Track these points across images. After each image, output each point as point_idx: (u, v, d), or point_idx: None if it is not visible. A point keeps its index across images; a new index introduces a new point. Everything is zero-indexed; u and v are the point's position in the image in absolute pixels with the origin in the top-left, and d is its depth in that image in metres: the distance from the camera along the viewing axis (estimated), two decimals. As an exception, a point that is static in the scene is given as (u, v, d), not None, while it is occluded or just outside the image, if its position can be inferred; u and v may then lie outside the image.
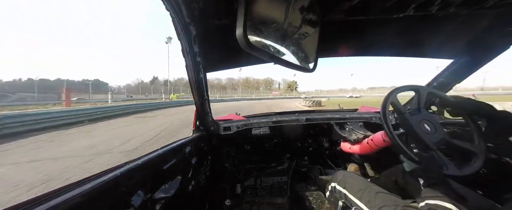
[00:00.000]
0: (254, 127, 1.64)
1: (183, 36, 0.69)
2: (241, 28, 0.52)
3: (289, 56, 0.72)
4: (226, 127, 1.54)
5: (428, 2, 0.68)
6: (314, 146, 1.98)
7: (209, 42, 0.84)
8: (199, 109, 1.20)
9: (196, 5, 0.63)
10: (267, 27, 0.62)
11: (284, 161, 1.95)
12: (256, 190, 1.72)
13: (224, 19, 0.75)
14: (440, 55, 1.21)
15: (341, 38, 1.08)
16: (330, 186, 1.12)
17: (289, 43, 0.73)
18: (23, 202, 0.41)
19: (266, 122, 1.67)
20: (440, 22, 0.88)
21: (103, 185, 0.53)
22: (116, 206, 0.59)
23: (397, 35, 1.04)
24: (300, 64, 0.78)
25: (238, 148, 1.82)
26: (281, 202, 1.57)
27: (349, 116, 1.74)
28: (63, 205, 0.43)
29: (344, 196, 0.99)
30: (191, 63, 0.81)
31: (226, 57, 1.12)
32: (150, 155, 0.79)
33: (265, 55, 0.61)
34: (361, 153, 1.26)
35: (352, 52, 1.27)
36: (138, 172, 0.67)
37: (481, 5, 0.69)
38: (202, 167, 1.31)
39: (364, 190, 0.94)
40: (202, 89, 1.02)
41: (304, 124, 1.65)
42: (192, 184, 1.11)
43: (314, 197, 1.57)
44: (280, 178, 1.83)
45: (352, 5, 0.72)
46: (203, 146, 1.34)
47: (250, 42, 0.54)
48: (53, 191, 0.46)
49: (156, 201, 0.77)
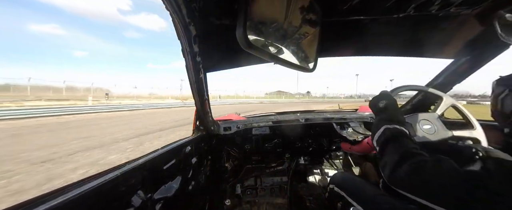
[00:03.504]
0: (254, 127, 1.64)
1: (183, 36, 0.68)
2: (241, 28, 0.52)
3: (289, 56, 0.73)
4: (226, 127, 1.54)
5: (428, 2, 0.68)
6: (314, 146, 1.98)
7: (209, 42, 0.84)
8: (199, 109, 1.20)
9: (196, 5, 0.63)
10: (267, 27, 0.62)
11: (284, 161, 1.95)
12: (256, 190, 1.72)
13: (224, 19, 0.75)
14: (440, 55, 1.21)
15: (341, 38, 1.08)
16: (329, 187, 1.12)
17: (289, 43, 0.73)
18: (23, 202, 0.41)
19: (266, 122, 1.67)
20: (440, 22, 0.88)
21: (103, 185, 0.53)
22: (116, 206, 0.59)
23: (397, 35, 1.04)
24: (300, 64, 0.78)
25: (238, 148, 1.82)
26: (281, 202, 1.57)
27: (349, 116, 1.74)
28: (63, 205, 0.43)
29: (342, 197, 0.99)
30: (191, 63, 0.81)
31: (226, 57, 1.12)
32: (150, 155, 0.79)
33: (265, 55, 0.61)
34: (361, 153, 1.26)
35: (352, 52, 1.27)
36: (138, 172, 0.67)
37: (481, 5, 0.69)
38: (202, 167, 1.31)
39: (362, 192, 0.94)
40: (202, 89, 1.02)
41: (304, 124, 1.65)
42: (192, 184, 1.11)
43: (314, 197, 1.57)
44: (280, 178, 1.83)
45: (352, 5, 0.72)
46: (203, 146, 1.34)
47: (250, 42, 0.54)
48: (53, 191, 0.46)
49: (156, 201, 0.76)
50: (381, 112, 0.78)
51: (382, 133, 0.67)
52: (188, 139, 1.14)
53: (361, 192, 0.93)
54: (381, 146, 0.66)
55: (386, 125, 0.68)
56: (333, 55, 1.31)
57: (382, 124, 0.69)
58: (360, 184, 1.00)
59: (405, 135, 0.65)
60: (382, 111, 0.77)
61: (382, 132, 0.67)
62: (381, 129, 0.68)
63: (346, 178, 1.09)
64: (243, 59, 1.18)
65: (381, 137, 0.67)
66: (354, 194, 0.95)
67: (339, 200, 1.00)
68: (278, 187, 1.74)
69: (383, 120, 0.72)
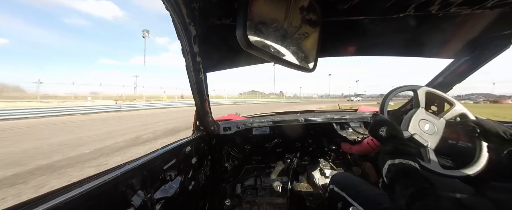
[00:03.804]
0: (254, 127, 1.65)
1: (183, 36, 0.68)
2: (241, 28, 0.52)
3: (289, 56, 0.72)
4: (226, 127, 1.54)
5: (428, 2, 0.68)
6: (314, 146, 1.98)
7: (209, 42, 0.84)
8: (199, 109, 1.20)
9: (196, 5, 0.63)
10: (267, 27, 0.62)
11: (284, 161, 1.95)
12: (256, 190, 1.72)
13: (224, 19, 0.75)
14: (440, 55, 1.21)
15: (341, 38, 1.08)
16: (329, 187, 1.12)
17: (289, 43, 0.73)
18: (23, 202, 0.41)
19: (266, 122, 1.67)
20: (440, 22, 0.88)
21: (103, 185, 0.53)
22: (116, 206, 0.59)
23: (397, 35, 1.04)
24: (300, 64, 0.78)
25: (238, 148, 1.82)
26: (281, 202, 1.57)
27: (349, 116, 1.74)
28: (63, 205, 0.43)
29: (342, 197, 0.99)
30: (191, 63, 0.81)
31: (226, 57, 1.12)
32: (150, 155, 0.79)
33: (266, 55, 0.61)
34: (361, 153, 1.26)
35: (352, 52, 1.27)
36: (138, 172, 0.67)
37: (481, 5, 0.69)
38: (202, 167, 1.31)
39: (362, 192, 0.94)
40: (202, 89, 1.02)
41: (304, 124, 1.65)
42: (192, 184, 1.11)
43: (314, 197, 1.57)
44: (280, 178, 1.83)
45: (352, 5, 0.72)
46: (203, 146, 1.34)
47: (250, 42, 0.54)
48: (53, 191, 0.46)
49: (156, 201, 0.77)
50: (384, 143, 0.74)
51: (387, 170, 0.64)
52: (188, 139, 1.14)
53: (361, 192, 0.93)
54: (389, 183, 0.63)
55: (390, 161, 0.64)
56: (333, 55, 1.31)
57: (386, 159, 0.66)
58: (360, 184, 1.00)
59: (411, 169, 0.61)
60: (385, 142, 0.74)
61: (387, 169, 0.64)
62: (386, 165, 0.65)
63: (346, 178, 1.09)
64: (243, 59, 1.18)
65: (388, 174, 0.64)
66: (354, 194, 0.95)
67: (339, 200, 1.00)
68: (278, 187, 1.74)
69: (387, 154, 0.68)
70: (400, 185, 0.58)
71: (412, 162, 0.62)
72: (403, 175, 0.60)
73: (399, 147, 0.68)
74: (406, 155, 0.65)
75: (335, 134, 1.60)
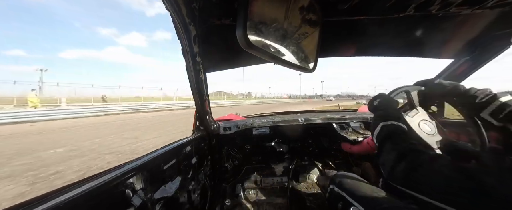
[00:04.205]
0: (254, 127, 1.65)
1: (183, 36, 0.68)
2: (241, 28, 0.52)
3: (289, 56, 0.72)
4: (226, 127, 1.54)
5: (428, 2, 0.68)
6: (314, 146, 1.98)
7: (209, 42, 0.84)
8: (199, 109, 1.20)
9: (196, 5, 0.63)
10: (267, 27, 0.62)
11: (284, 161, 1.95)
12: (256, 190, 1.72)
13: (224, 19, 0.75)
14: (440, 55, 1.21)
15: (341, 38, 1.08)
16: (329, 187, 1.12)
17: (289, 43, 0.73)
18: (23, 202, 0.41)
19: (266, 122, 1.67)
20: (440, 22, 0.88)
21: (103, 185, 0.53)
22: (116, 206, 0.59)
23: (397, 35, 1.04)
24: (300, 64, 0.78)
25: (238, 148, 1.82)
26: (281, 202, 1.57)
27: (349, 116, 1.74)
28: (63, 205, 0.43)
29: (342, 197, 0.99)
30: (191, 63, 0.81)
31: (226, 57, 1.12)
32: (150, 155, 0.79)
33: (265, 55, 0.61)
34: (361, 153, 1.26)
35: (352, 52, 1.27)
36: (138, 172, 0.67)
37: (481, 5, 0.69)
38: (202, 167, 1.31)
39: (362, 192, 0.94)
40: (202, 89, 1.02)
41: (304, 124, 1.65)
42: (192, 184, 1.11)
43: (314, 197, 1.57)
44: (280, 178, 1.83)
45: (352, 5, 0.72)
46: (203, 146, 1.34)
47: (250, 42, 0.54)
48: (53, 191, 0.46)
49: (156, 201, 0.77)
50: (377, 110, 0.79)
51: (380, 131, 0.68)
52: (188, 139, 1.14)
53: (361, 192, 0.93)
54: (379, 144, 0.66)
55: (383, 122, 0.68)
56: (333, 55, 1.31)
57: (379, 121, 0.70)
58: (360, 184, 1.00)
59: (402, 130, 0.65)
60: (378, 109, 0.79)
61: (379, 129, 0.68)
62: (378, 126, 0.69)
63: (346, 178, 1.09)
64: (243, 59, 1.18)
65: (380, 135, 0.67)
66: (354, 194, 0.95)
67: (340, 200, 0.99)
68: (278, 187, 1.74)
69: (380, 117, 0.72)
70: (390, 144, 0.60)
71: (402, 124, 0.66)
72: (395, 133, 0.63)
73: (392, 112, 0.73)
74: (398, 118, 0.68)
75: (335, 134, 1.60)
